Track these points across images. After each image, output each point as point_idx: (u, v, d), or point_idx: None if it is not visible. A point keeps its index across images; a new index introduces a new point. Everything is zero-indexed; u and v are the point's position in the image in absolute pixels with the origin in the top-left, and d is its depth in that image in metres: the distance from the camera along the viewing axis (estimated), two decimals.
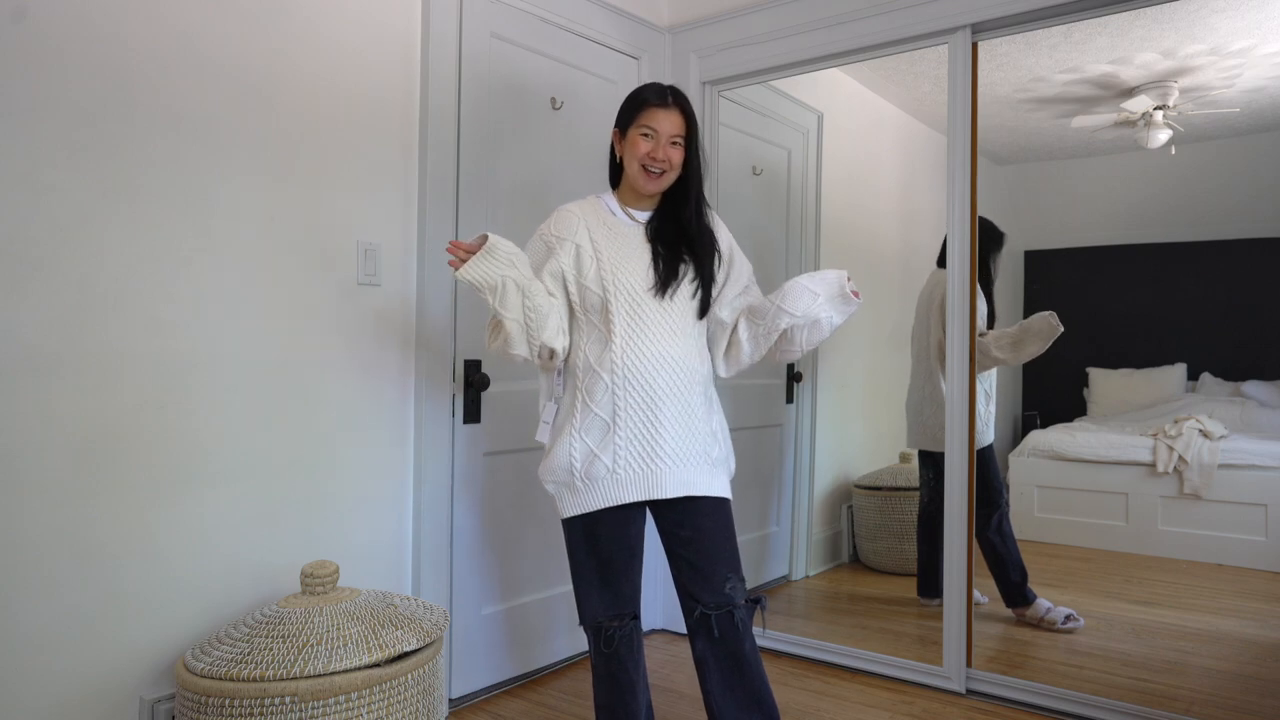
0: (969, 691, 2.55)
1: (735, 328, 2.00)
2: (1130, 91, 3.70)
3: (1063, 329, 3.11)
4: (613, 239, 1.89)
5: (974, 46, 2.55)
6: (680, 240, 1.92)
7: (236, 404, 2.02)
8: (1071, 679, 2.57)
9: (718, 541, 1.87)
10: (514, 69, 2.62)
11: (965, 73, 2.54)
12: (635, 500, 1.84)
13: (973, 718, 2.41)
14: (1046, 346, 3.16)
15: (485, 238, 1.72)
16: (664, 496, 1.83)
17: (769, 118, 3.44)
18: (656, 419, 1.83)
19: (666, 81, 3.07)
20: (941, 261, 3.23)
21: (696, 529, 1.86)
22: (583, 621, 1.90)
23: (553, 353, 1.87)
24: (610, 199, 1.97)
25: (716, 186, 3.12)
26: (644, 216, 1.96)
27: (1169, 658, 2.78)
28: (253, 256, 2.05)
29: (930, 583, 3.19)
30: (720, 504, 1.91)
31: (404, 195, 2.37)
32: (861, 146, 3.78)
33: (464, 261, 1.72)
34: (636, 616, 1.92)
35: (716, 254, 1.97)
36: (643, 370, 1.83)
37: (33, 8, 1.70)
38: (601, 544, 1.87)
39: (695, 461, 1.87)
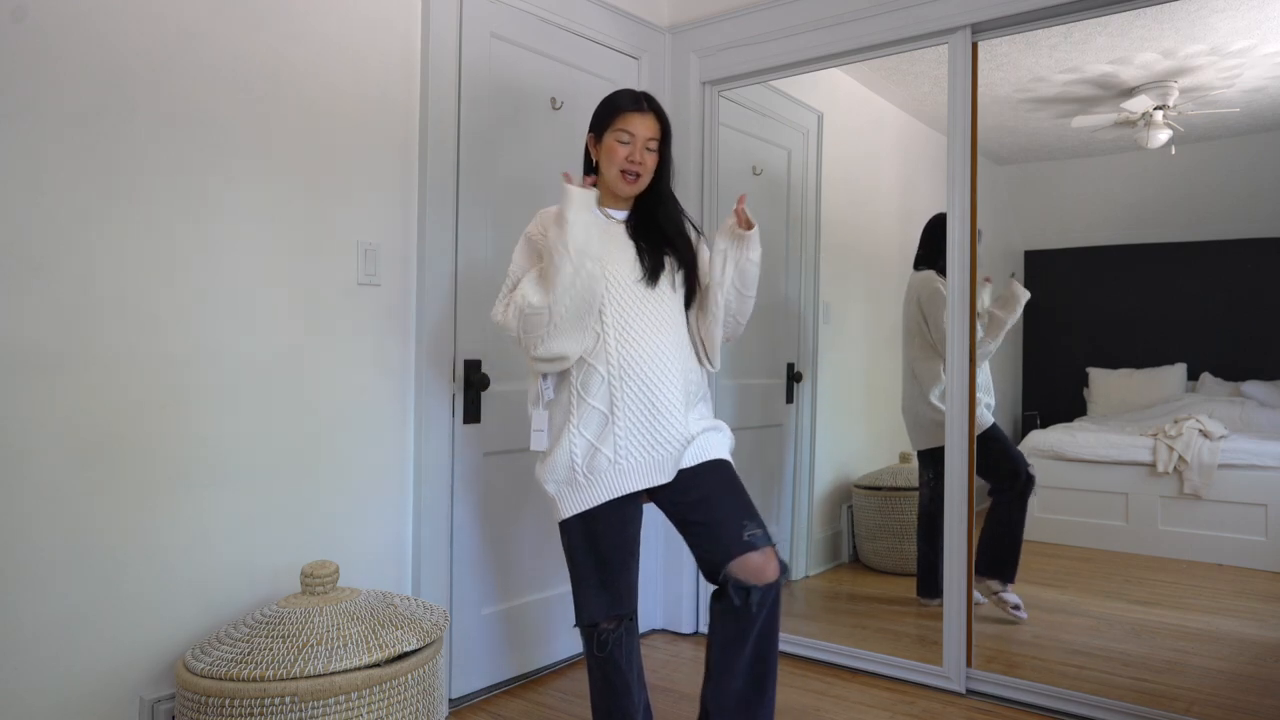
0: (969, 691, 2.55)
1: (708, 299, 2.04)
2: (1130, 91, 3.70)
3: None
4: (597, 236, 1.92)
5: (974, 46, 2.55)
6: (660, 236, 1.99)
7: (236, 404, 2.02)
8: (1071, 679, 2.57)
9: (728, 494, 1.89)
10: (514, 69, 2.62)
11: (965, 73, 2.54)
12: (638, 489, 1.87)
13: (973, 718, 2.41)
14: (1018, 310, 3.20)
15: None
16: (666, 481, 1.87)
17: (769, 118, 3.44)
18: (654, 407, 1.86)
19: (666, 82, 3.09)
20: (918, 264, 3.24)
21: (702, 491, 1.88)
22: (579, 622, 1.91)
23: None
24: None
25: (716, 186, 3.12)
26: (622, 215, 2.02)
27: (1169, 658, 2.78)
28: (253, 256, 2.05)
29: (930, 583, 3.19)
30: (721, 463, 1.93)
31: (404, 195, 2.37)
32: (861, 146, 3.78)
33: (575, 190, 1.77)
34: (633, 617, 1.94)
35: (691, 248, 2.03)
36: (637, 361, 1.87)
37: (33, 8, 1.69)
38: (600, 543, 1.88)
39: (691, 444, 1.91)
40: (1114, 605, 3.28)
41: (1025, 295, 3.24)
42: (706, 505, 1.88)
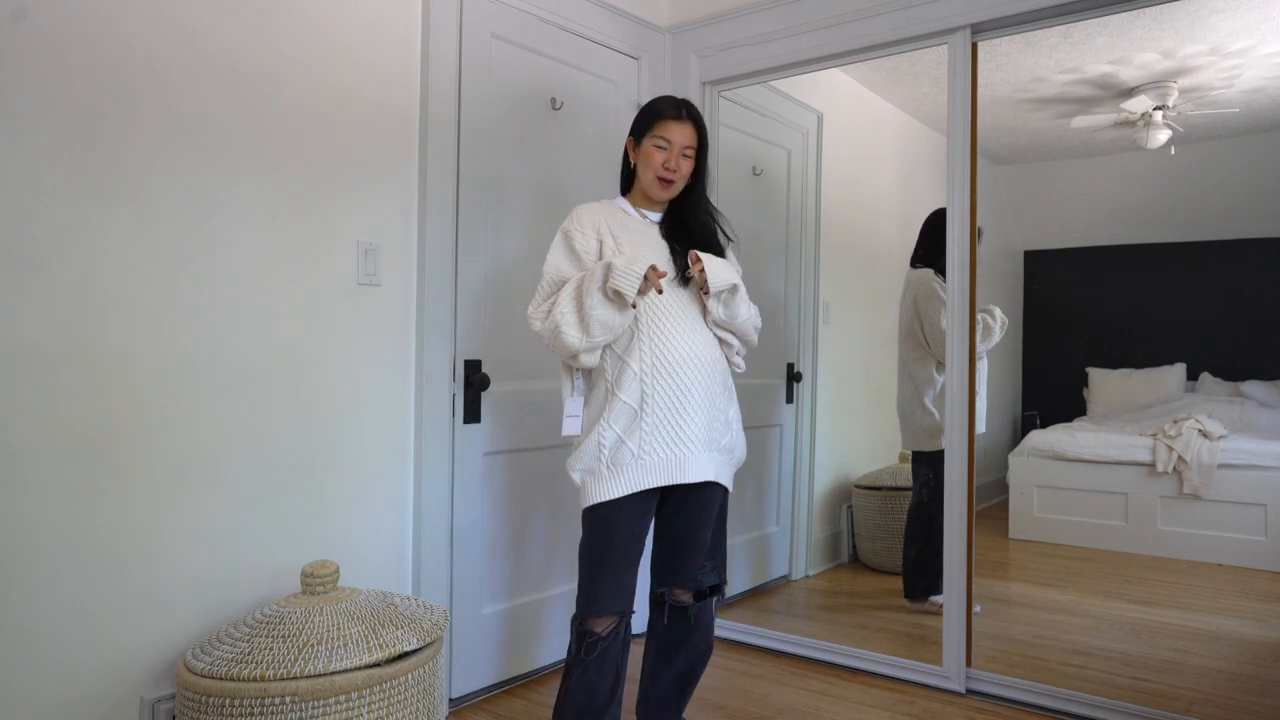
0: (969, 691, 2.55)
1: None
2: (1130, 92, 3.70)
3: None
4: (630, 235, 2.00)
5: (974, 46, 2.55)
6: (691, 239, 2.03)
7: (237, 404, 2.02)
8: (1071, 679, 2.57)
9: (705, 531, 2.01)
10: (514, 69, 2.62)
11: (965, 73, 2.54)
12: (659, 485, 1.91)
13: (973, 718, 2.41)
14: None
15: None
16: (686, 481, 1.93)
17: (769, 118, 3.44)
18: (682, 406, 1.91)
19: (666, 82, 3.09)
20: (916, 261, 3.24)
21: (688, 518, 2.00)
22: (580, 613, 1.93)
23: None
24: (623, 201, 2.09)
25: (717, 187, 3.12)
26: (656, 216, 2.08)
27: (1169, 658, 2.78)
28: (253, 256, 2.05)
29: (915, 584, 3.18)
30: (724, 496, 2.05)
31: (404, 195, 2.37)
32: (861, 146, 3.78)
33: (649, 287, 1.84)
34: (629, 615, 1.97)
35: (721, 254, 2.08)
36: (669, 359, 1.91)
37: (33, 8, 1.70)
38: (619, 532, 1.91)
39: (713, 449, 1.98)
40: (1114, 605, 3.28)
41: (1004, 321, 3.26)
42: (684, 533, 2.00)
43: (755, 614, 3.20)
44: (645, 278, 1.80)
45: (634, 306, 1.86)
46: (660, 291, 1.85)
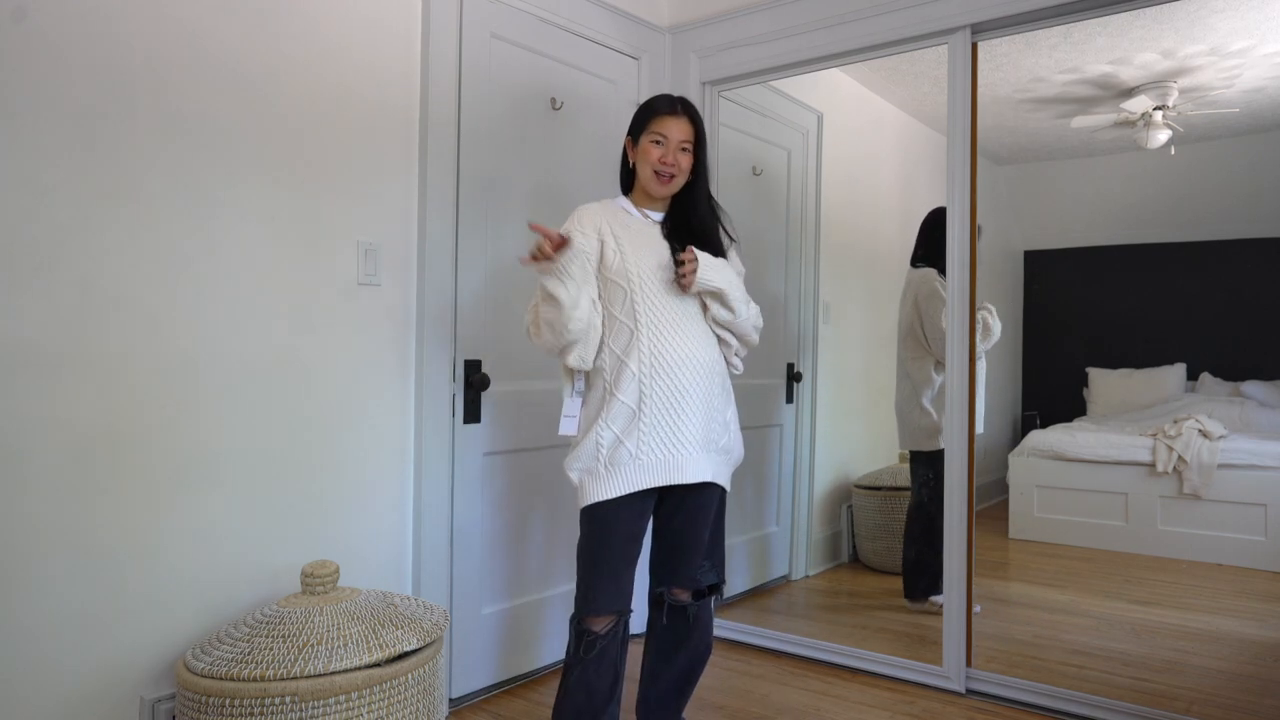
0: (969, 691, 2.55)
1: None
2: (1130, 92, 3.70)
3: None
4: (632, 235, 2.00)
5: (974, 46, 2.55)
6: (693, 238, 2.03)
7: (237, 404, 2.02)
8: (1071, 679, 2.57)
9: (704, 528, 2.02)
10: (514, 69, 2.62)
11: (965, 73, 2.54)
12: (656, 485, 1.91)
13: (973, 718, 2.41)
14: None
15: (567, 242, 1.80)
16: (684, 481, 1.93)
17: (769, 118, 3.44)
18: (680, 407, 1.92)
19: (666, 82, 3.09)
20: (916, 261, 3.24)
21: (686, 517, 2.00)
22: (578, 613, 1.93)
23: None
24: (625, 201, 2.09)
25: (717, 187, 3.11)
26: (658, 216, 2.08)
27: (1169, 658, 2.78)
28: (253, 256, 2.05)
29: (916, 584, 3.18)
30: (721, 496, 2.05)
31: (404, 195, 2.37)
32: (861, 146, 3.78)
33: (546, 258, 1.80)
34: (628, 616, 1.97)
35: (721, 253, 2.08)
36: (668, 359, 1.92)
37: (33, 8, 1.70)
38: (617, 532, 1.91)
39: (711, 449, 1.98)
40: (1114, 605, 3.28)
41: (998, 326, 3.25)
42: (681, 534, 2.01)
43: (755, 614, 3.21)
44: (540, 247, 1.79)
45: (561, 281, 1.82)
46: (553, 242, 1.78)
